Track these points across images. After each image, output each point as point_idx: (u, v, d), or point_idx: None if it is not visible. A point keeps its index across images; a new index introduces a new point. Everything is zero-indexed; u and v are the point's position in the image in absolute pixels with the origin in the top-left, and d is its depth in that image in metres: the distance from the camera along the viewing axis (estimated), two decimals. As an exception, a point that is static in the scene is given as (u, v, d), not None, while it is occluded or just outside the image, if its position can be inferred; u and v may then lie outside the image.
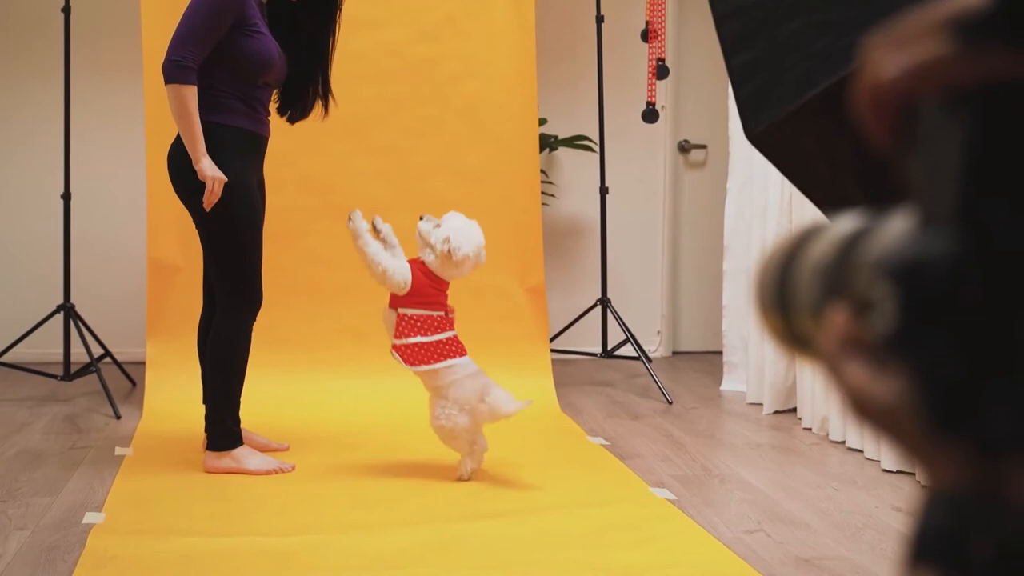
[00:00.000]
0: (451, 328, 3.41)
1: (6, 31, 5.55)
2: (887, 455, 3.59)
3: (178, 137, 3.39)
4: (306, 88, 3.61)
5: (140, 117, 4.69)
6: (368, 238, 3.33)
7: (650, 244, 6.23)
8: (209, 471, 3.45)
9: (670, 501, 3.20)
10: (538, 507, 3.12)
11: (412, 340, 3.33)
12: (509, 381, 4.50)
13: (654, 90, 5.14)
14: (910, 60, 0.44)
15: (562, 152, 6.01)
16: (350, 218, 3.33)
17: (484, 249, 3.44)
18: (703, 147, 6.32)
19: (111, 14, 5.46)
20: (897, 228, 0.46)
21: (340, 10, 3.61)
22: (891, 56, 0.46)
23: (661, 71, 5.10)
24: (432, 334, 3.35)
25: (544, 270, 5.03)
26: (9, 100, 5.57)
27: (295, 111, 3.63)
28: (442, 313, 3.39)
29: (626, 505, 3.15)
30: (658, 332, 6.26)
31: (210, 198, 3.28)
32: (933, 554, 0.44)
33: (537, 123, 5.04)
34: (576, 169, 6.03)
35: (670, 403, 4.75)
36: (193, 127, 3.27)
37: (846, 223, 0.50)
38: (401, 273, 3.32)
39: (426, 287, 3.36)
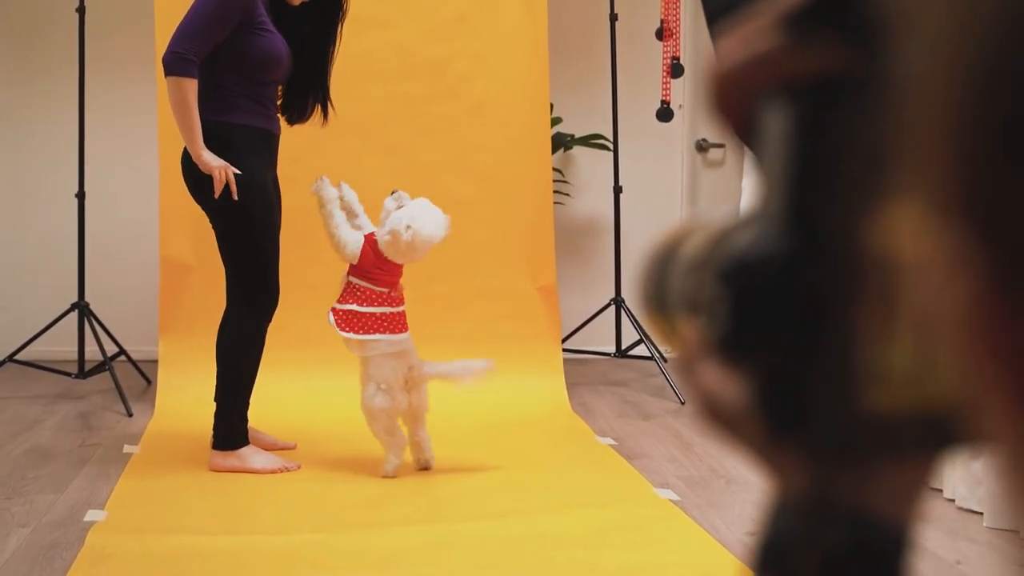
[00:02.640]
0: (394, 305, 3.43)
1: (21, 31, 5.59)
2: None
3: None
4: (306, 92, 3.60)
5: (153, 116, 4.71)
6: (332, 207, 3.42)
7: (667, 243, 6.19)
8: (214, 470, 3.46)
9: (673, 502, 3.18)
10: (540, 507, 3.11)
11: (348, 307, 3.41)
12: (520, 381, 4.52)
13: (669, 89, 5.11)
14: (745, 53, 0.43)
15: (578, 151, 5.99)
16: (316, 184, 3.41)
17: (439, 237, 3.41)
18: (721, 146, 6.28)
19: (125, 14, 5.49)
20: (748, 227, 0.45)
21: (343, 18, 3.61)
22: (732, 48, 0.45)
23: (676, 70, 5.07)
24: (368, 305, 3.40)
25: (556, 269, 5.01)
26: (24, 100, 5.61)
27: (292, 113, 3.63)
28: (387, 291, 3.41)
29: (628, 506, 3.14)
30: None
31: (219, 187, 3.29)
32: (770, 566, 0.43)
33: (549, 122, 5.02)
34: (592, 168, 6.01)
35: (683, 403, 4.72)
36: (191, 120, 3.27)
37: (721, 218, 0.49)
38: (351, 246, 3.41)
39: (371, 265, 3.41)
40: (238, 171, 3.32)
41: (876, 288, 0.40)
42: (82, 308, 4.65)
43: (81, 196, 4.68)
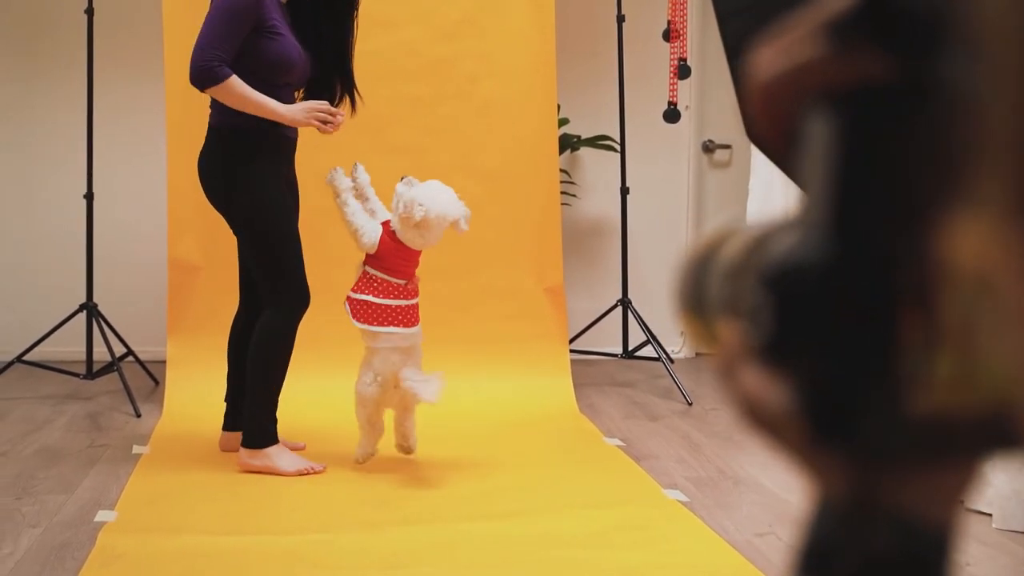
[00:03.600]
0: (409, 297, 3.44)
1: (29, 32, 5.60)
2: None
3: (205, 146, 3.42)
4: (331, 85, 3.61)
5: (162, 117, 4.72)
6: (347, 196, 3.45)
7: (674, 244, 6.20)
8: (242, 468, 3.46)
9: (681, 503, 3.18)
10: (547, 507, 3.11)
11: (363, 297, 3.42)
12: (527, 381, 4.53)
13: (676, 90, 5.12)
14: (787, 62, 0.44)
15: (585, 152, 6.00)
16: (331, 174, 3.44)
17: (464, 221, 3.43)
18: (727, 147, 6.29)
19: (133, 16, 5.50)
20: (789, 233, 0.45)
21: (357, 8, 3.61)
22: (773, 57, 0.45)
23: (683, 71, 5.08)
24: (385, 297, 3.41)
25: (563, 270, 5.02)
26: (32, 101, 5.62)
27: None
28: (404, 282, 3.41)
29: (636, 506, 3.14)
30: (681, 333, 6.23)
31: (330, 128, 3.37)
32: (812, 570, 0.44)
33: (556, 123, 5.03)
34: (599, 169, 6.01)
35: (690, 404, 4.73)
36: (256, 104, 3.31)
37: (761, 224, 0.49)
38: (370, 235, 3.42)
39: (391, 253, 3.42)
40: (322, 103, 3.36)
41: (923, 293, 0.40)
42: (90, 309, 4.66)
43: (89, 197, 4.69)
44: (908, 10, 0.40)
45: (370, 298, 3.41)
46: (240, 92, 3.29)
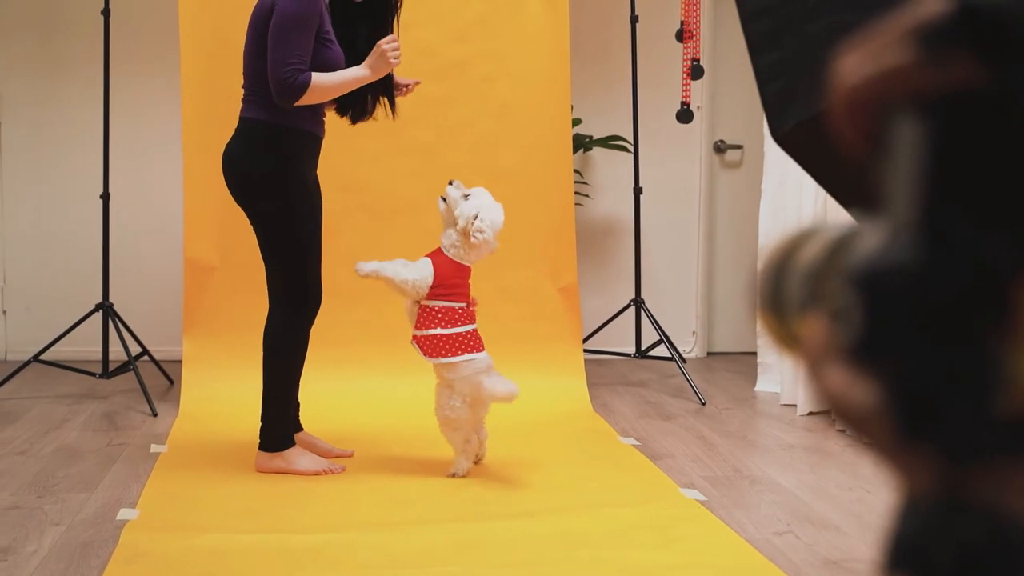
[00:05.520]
0: (472, 321, 3.44)
1: (46, 34, 5.62)
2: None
3: (235, 137, 3.39)
4: (368, 90, 3.56)
5: (178, 118, 4.74)
6: (381, 268, 3.40)
7: (686, 244, 6.21)
8: (260, 470, 3.47)
9: (699, 502, 3.19)
10: (565, 507, 3.12)
11: (432, 332, 3.38)
12: (541, 381, 4.53)
13: (689, 90, 5.13)
14: (876, 67, 0.45)
15: (597, 152, 6.01)
16: (361, 271, 3.41)
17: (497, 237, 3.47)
18: (739, 147, 6.29)
19: (150, 17, 5.52)
20: (873, 235, 0.46)
21: (398, 13, 3.59)
22: (859, 63, 0.46)
23: (696, 71, 5.08)
24: (452, 327, 3.39)
25: (577, 270, 5.03)
26: (49, 101, 5.64)
27: (355, 112, 3.59)
28: (463, 305, 3.42)
29: (654, 505, 3.15)
30: (693, 333, 6.24)
31: (394, 58, 3.34)
32: (904, 562, 0.45)
33: (570, 123, 5.04)
34: (611, 169, 6.02)
35: (703, 404, 4.73)
36: (344, 84, 3.32)
37: (840, 226, 0.50)
38: (422, 272, 3.39)
39: (450, 277, 3.40)
40: (385, 40, 3.35)
41: (1009, 296, 0.42)
42: (106, 309, 4.68)
43: (106, 197, 4.71)
44: (1002, 19, 0.41)
45: (438, 331, 3.38)
46: (328, 86, 3.28)
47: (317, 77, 3.24)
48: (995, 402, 0.42)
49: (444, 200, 3.47)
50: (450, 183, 3.48)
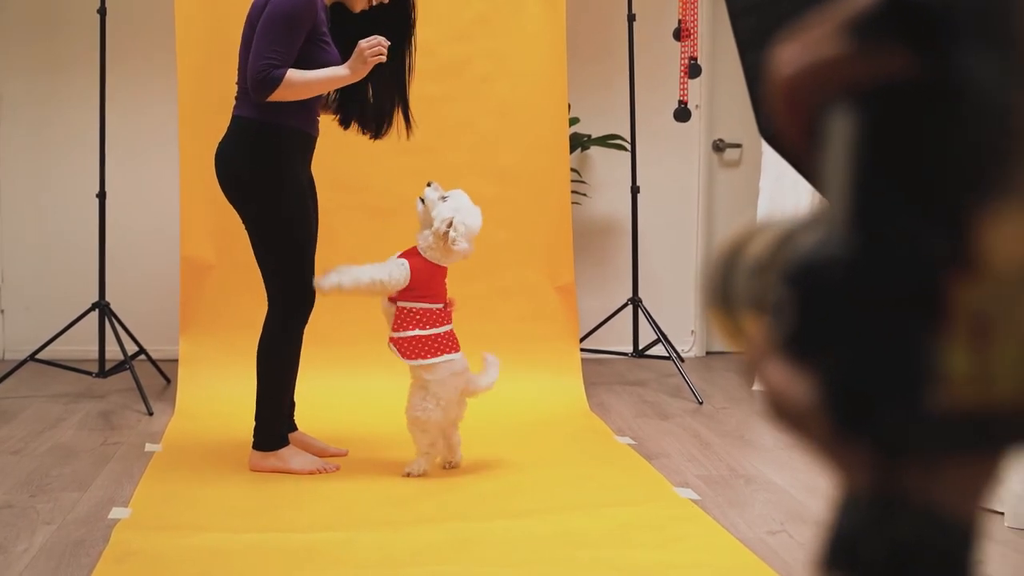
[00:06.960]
0: (448, 322, 3.43)
1: (42, 33, 5.62)
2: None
3: (228, 135, 3.37)
4: (385, 105, 3.55)
5: (174, 116, 4.74)
6: (343, 278, 3.33)
7: (684, 243, 6.20)
8: (254, 469, 3.47)
9: (693, 501, 3.18)
10: (560, 506, 3.12)
11: (410, 333, 3.38)
12: (538, 380, 4.53)
13: (686, 89, 5.12)
14: (808, 59, 0.44)
15: (595, 151, 6.00)
16: (320, 285, 3.35)
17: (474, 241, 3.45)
18: (738, 146, 6.29)
19: (146, 16, 5.52)
20: (813, 229, 0.46)
21: (414, 26, 3.57)
22: (795, 54, 0.46)
23: (693, 70, 5.08)
24: (430, 327, 3.38)
25: (575, 269, 5.02)
26: (48, 101, 5.65)
27: (373, 127, 3.58)
28: (440, 306, 3.41)
29: (648, 505, 3.15)
30: (692, 332, 6.23)
31: (378, 53, 3.28)
32: (838, 561, 0.44)
33: (568, 122, 5.03)
34: (609, 168, 6.01)
35: (700, 403, 4.73)
36: (321, 83, 3.27)
37: (786, 222, 0.50)
38: (395, 272, 3.35)
39: (426, 279, 3.38)
40: (367, 40, 3.28)
41: (943, 289, 0.41)
42: (103, 308, 4.68)
43: (102, 196, 4.71)
44: (931, 8, 0.41)
45: (416, 332, 3.37)
46: (302, 83, 3.24)
47: (292, 73, 3.22)
48: (930, 397, 0.42)
49: (422, 201, 3.46)
50: (428, 184, 3.47)
